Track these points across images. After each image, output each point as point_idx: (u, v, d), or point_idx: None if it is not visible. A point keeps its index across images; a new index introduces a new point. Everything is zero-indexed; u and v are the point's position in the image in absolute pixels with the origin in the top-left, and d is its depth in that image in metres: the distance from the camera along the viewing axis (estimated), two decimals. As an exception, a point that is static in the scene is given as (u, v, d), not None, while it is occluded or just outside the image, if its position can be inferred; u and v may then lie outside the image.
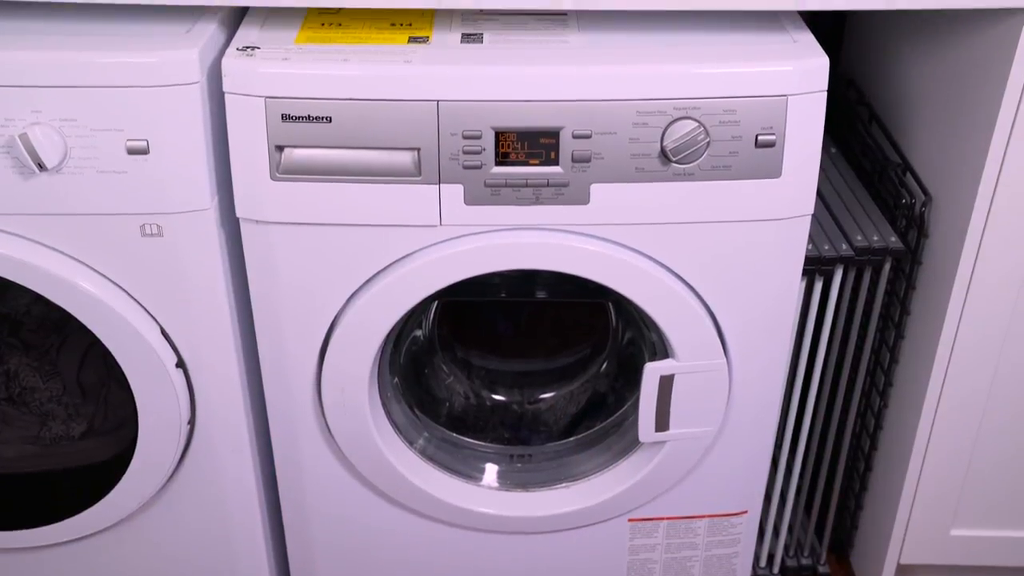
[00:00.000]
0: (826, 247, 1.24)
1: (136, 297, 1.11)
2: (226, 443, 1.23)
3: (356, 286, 1.12)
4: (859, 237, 1.25)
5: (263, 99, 1.02)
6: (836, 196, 1.33)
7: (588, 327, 1.42)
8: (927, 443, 1.31)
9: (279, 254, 1.10)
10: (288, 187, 1.06)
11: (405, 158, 1.05)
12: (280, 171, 1.05)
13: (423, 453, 1.29)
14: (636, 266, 1.10)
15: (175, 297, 1.12)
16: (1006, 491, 1.36)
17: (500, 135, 1.04)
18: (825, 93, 1.05)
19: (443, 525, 1.31)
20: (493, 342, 1.44)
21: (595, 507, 1.29)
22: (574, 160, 1.05)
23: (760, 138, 1.04)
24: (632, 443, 1.27)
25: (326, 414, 1.20)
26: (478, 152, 1.04)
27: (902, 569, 1.42)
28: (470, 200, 1.06)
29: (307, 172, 1.05)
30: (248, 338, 1.19)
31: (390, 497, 1.28)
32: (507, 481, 1.32)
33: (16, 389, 1.32)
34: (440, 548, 1.34)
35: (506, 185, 1.06)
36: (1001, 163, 1.11)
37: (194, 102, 1.02)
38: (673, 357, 1.17)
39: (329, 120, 1.03)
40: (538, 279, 1.27)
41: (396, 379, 1.31)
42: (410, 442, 1.28)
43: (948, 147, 1.20)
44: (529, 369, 1.44)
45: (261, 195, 1.06)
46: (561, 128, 1.04)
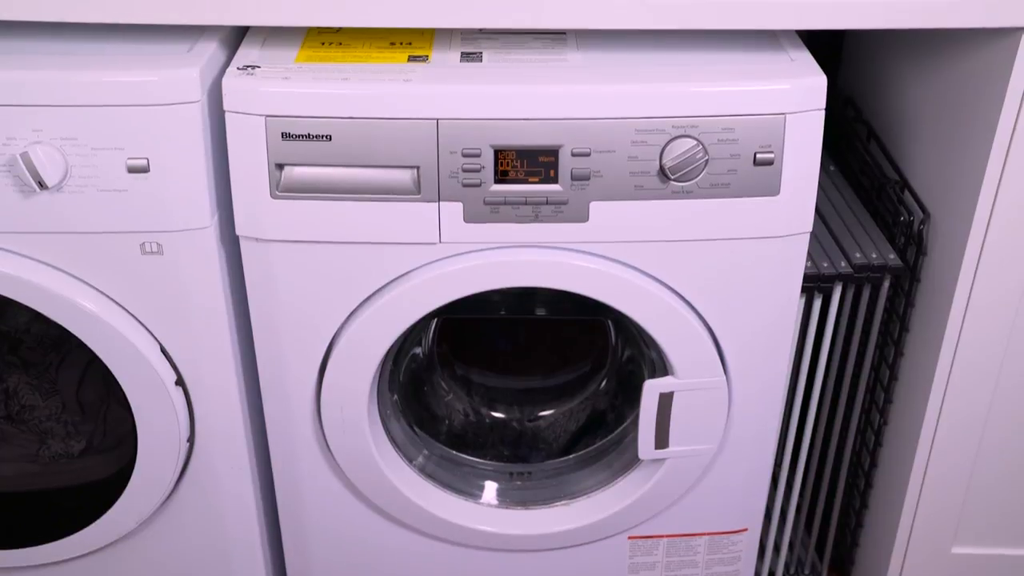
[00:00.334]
0: (825, 264, 1.24)
1: (136, 315, 1.12)
2: (225, 461, 1.23)
3: (356, 303, 1.12)
4: (858, 254, 1.25)
5: (263, 117, 1.02)
6: (835, 213, 1.34)
7: (588, 345, 1.42)
8: (927, 460, 1.30)
9: (279, 272, 1.11)
10: (288, 205, 1.06)
11: (405, 176, 1.05)
12: (280, 189, 1.05)
13: (422, 470, 1.29)
14: (635, 284, 1.10)
15: (175, 315, 1.12)
16: (1008, 509, 1.35)
17: (499, 153, 1.04)
18: (823, 111, 1.05)
19: (442, 543, 1.31)
20: (493, 359, 1.44)
21: (595, 525, 1.29)
22: (573, 178, 1.05)
23: (758, 156, 1.05)
24: (632, 460, 1.27)
25: (325, 431, 1.20)
26: (477, 170, 1.04)
27: (903, 587, 1.42)
28: (469, 218, 1.07)
29: (307, 190, 1.05)
30: (247, 355, 1.19)
31: (389, 515, 1.28)
32: (507, 499, 1.32)
33: (15, 407, 1.32)
34: (439, 566, 1.33)
35: (505, 203, 1.06)
36: (999, 181, 1.12)
37: (195, 121, 1.02)
38: (672, 374, 1.17)
39: (329, 138, 1.03)
40: (538, 297, 1.27)
41: (395, 396, 1.31)
42: (409, 459, 1.28)
43: (946, 165, 1.20)
44: (529, 386, 1.44)
45: (261, 213, 1.07)
46: (560, 146, 1.04)
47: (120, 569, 1.31)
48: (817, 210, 1.28)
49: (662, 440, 1.21)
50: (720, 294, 1.13)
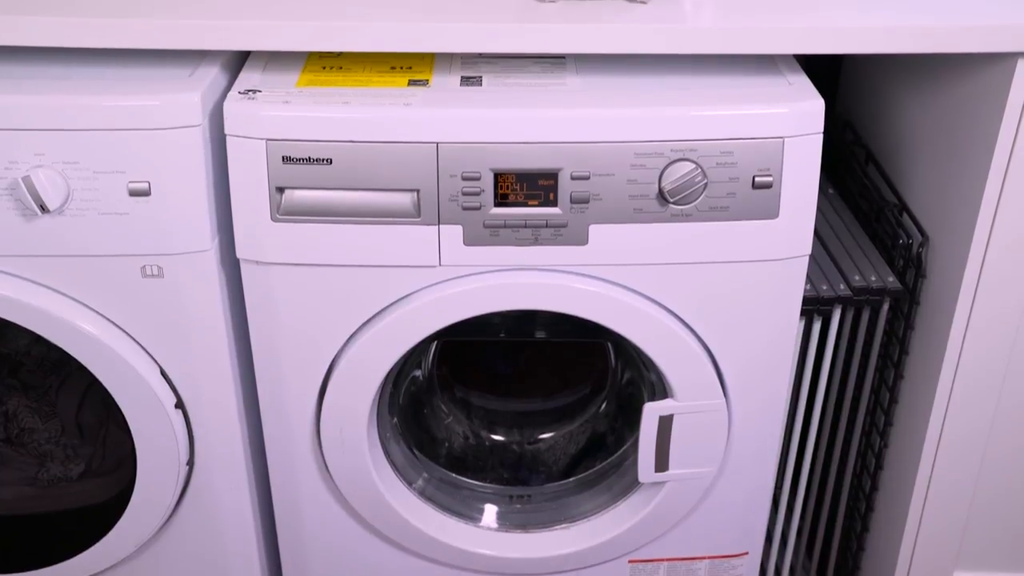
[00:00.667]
0: (824, 287, 1.24)
1: (136, 338, 1.12)
2: (225, 483, 1.23)
3: (356, 326, 1.12)
4: (857, 277, 1.26)
5: (264, 141, 1.03)
6: (834, 236, 1.34)
7: (587, 367, 1.42)
8: (928, 483, 1.30)
9: (279, 294, 1.11)
10: (288, 228, 1.06)
11: (405, 199, 1.05)
12: (280, 212, 1.06)
13: (422, 493, 1.29)
14: (635, 306, 1.11)
15: (175, 337, 1.12)
16: (1009, 532, 1.35)
17: (499, 176, 1.05)
18: (821, 135, 1.06)
19: (442, 566, 1.30)
20: (492, 382, 1.44)
21: (595, 548, 1.28)
22: (573, 201, 1.05)
23: (757, 179, 1.05)
24: (632, 483, 1.26)
25: (325, 454, 1.20)
26: (477, 193, 1.05)
27: (905, 611, 1.41)
28: (469, 241, 1.07)
29: (307, 213, 1.06)
30: (247, 378, 1.20)
31: (388, 538, 1.28)
32: (506, 522, 1.32)
33: (14, 430, 1.32)
34: (439, 590, 1.33)
35: (505, 226, 1.06)
36: (997, 204, 1.12)
37: (196, 144, 1.03)
38: (672, 397, 1.17)
39: (329, 162, 1.04)
40: (537, 319, 1.27)
41: (395, 419, 1.31)
42: (409, 482, 1.28)
43: (944, 188, 1.21)
44: (528, 409, 1.44)
45: (262, 236, 1.07)
46: (560, 170, 1.04)
47: (119, 593, 1.30)
48: (816, 233, 1.28)
49: (662, 463, 1.20)
50: (720, 317, 1.13)
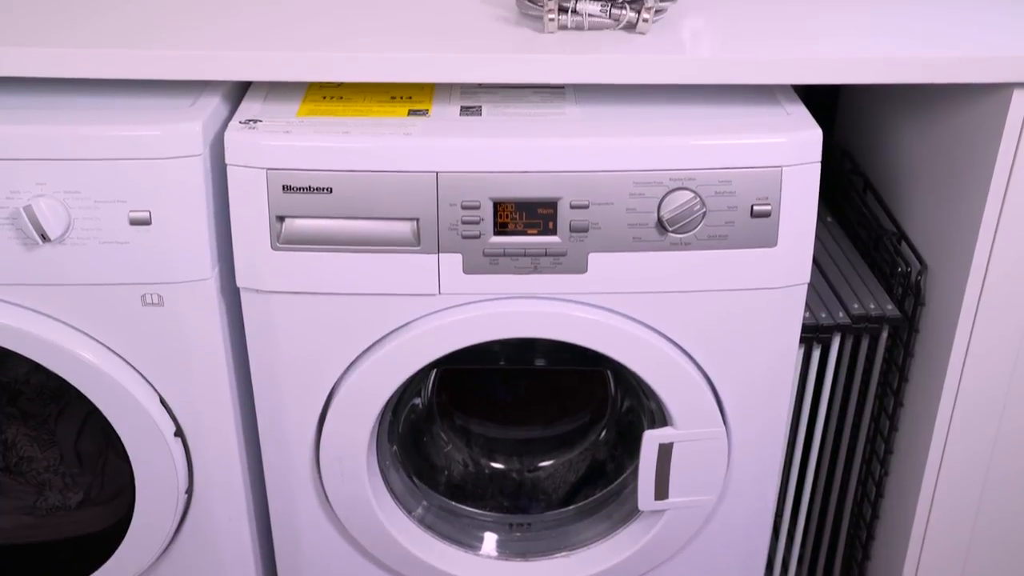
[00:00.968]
0: (823, 315, 1.24)
1: (135, 366, 1.12)
2: (223, 512, 1.22)
3: (355, 354, 1.13)
4: (856, 305, 1.26)
5: (264, 171, 1.04)
6: (833, 264, 1.34)
7: (587, 395, 1.42)
8: (929, 511, 1.30)
9: (279, 323, 1.11)
10: (288, 257, 1.07)
11: (404, 228, 1.06)
12: (281, 241, 1.06)
13: (421, 522, 1.28)
14: (634, 334, 1.11)
15: (175, 366, 1.12)
16: (1011, 560, 1.34)
17: (498, 205, 1.05)
18: (819, 164, 1.06)
19: (441, 595, 1.30)
20: (492, 410, 1.43)
21: (595, 577, 1.28)
22: (572, 230, 1.06)
23: (755, 208, 1.06)
24: (632, 512, 1.26)
25: (324, 482, 1.19)
26: (476, 222, 1.05)
27: (907, 640, 1.41)
28: (469, 269, 1.07)
29: (307, 242, 1.06)
30: (247, 406, 1.19)
31: (388, 566, 1.27)
32: (506, 550, 1.31)
33: (13, 459, 1.32)
34: (438, 619, 1.32)
35: (504, 255, 1.07)
36: (995, 232, 1.12)
37: (197, 174, 1.03)
38: (672, 425, 1.17)
39: (330, 191, 1.04)
40: (537, 347, 1.27)
41: (395, 447, 1.31)
42: (408, 510, 1.27)
43: (942, 216, 1.21)
44: (528, 437, 1.44)
45: (262, 265, 1.07)
46: (559, 198, 1.05)
47: (116, 622, 1.30)
48: (815, 261, 1.28)
49: (662, 491, 1.20)
50: (719, 345, 1.13)
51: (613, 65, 1.04)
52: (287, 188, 1.04)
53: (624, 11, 1.08)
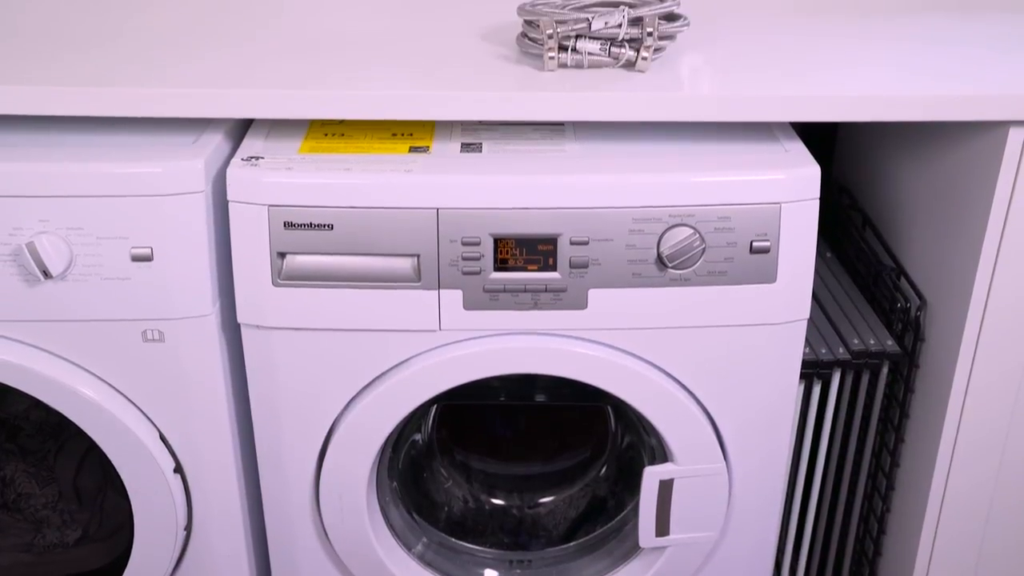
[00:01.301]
0: (823, 351, 1.25)
1: (135, 402, 1.12)
2: (223, 548, 1.22)
3: (356, 390, 1.13)
4: (856, 341, 1.26)
5: (266, 207, 1.04)
6: (832, 300, 1.35)
7: (587, 431, 1.41)
8: (932, 548, 1.29)
9: (280, 359, 1.11)
10: (290, 293, 1.07)
11: (405, 264, 1.06)
12: (282, 277, 1.06)
13: (421, 558, 1.27)
14: (634, 370, 1.11)
15: (175, 402, 1.12)
16: (1014, 596, 1.34)
17: (499, 241, 1.05)
18: (817, 201, 1.07)
19: (441, 634, 1.29)
20: (492, 446, 1.43)
21: (596, 615, 1.27)
22: (572, 266, 1.06)
23: (755, 244, 1.06)
24: (632, 548, 1.25)
25: (324, 518, 1.19)
26: (477, 258, 1.06)
27: None
28: (469, 305, 1.07)
29: (308, 278, 1.06)
30: (246, 442, 1.19)
31: (387, 604, 1.26)
32: (506, 588, 1.31)
33: (11, 495, 1.31)
34: (438, 658, 1.31)
35: (505, 290, 1.07)
36: (993, 268, 1.13)
37: (198, 210, 1.04)
38: (672, 461, 1.16)
39: (331, 227, 1.05)
40: (537, 383, 1.27)
41: (395, 483, 1.31)
42: (408, 547, 1.27)
43: (941, 252, 1.21)
44: (528, 473, 1.43)
45: (263, 301, 1.08)
46: (559, 235, 1.05)
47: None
48: (814, 296, 1.29)
49: (663, 528, 1.19)
50: (719, 381, 1.13)
51: (612, 103, 1.05)
52: (288, 224, 1.04)
53: (623, 49, 1.09)
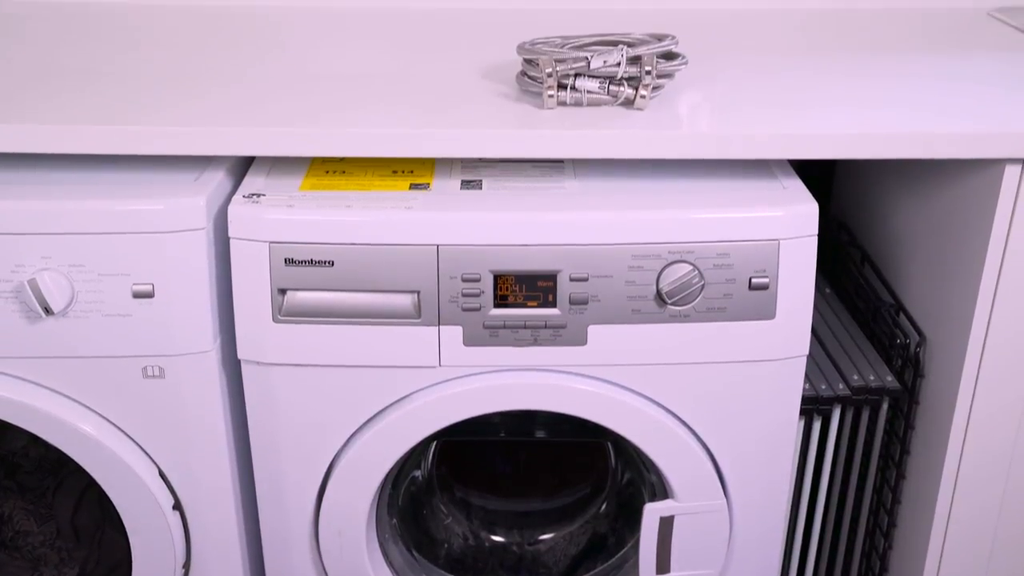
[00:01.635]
0: (823, 387, 1.25)
1: (135, 438, 1.12)
2: (221, 587, 1.21)
3: (356, 426, 1.12)
4: (855, 377, 1.26)
5: (267, 244, 1.05)
6: (832, 336, 1.35)
7: (587, 467, 1.41)
8: (934, 586, 1.28)
9: (280, 395, 1.11)
10: (290, 329, 1.07)
11: (405, 300, 1.07)
12: (282, 313, 1.07)
13: (421, 597, 1.27)
14: (634, 407, 1.11)
15: (174, 438, 1.12)
16: (1018, 636, 1.32)
17: (498, 278, 1.06)
18: (816, 237, 1.07)
19: (441, 673, 1.28)
20: (492, 482, 1.43)
21: (596, 654, 1.26)
22: (571, 302, 1.06)
23: (754, 281, 1.07)
24: (633, 586, 1.25)
25: (323, 556, 1.18)
26: (477, 295, 1.06)
27: None
28: (469, 341, 1.08)
29: (309, 314, 1.07)
30: (246, 478, 1.19)
31: (386, 643, 1.25)
32: (506, 626, 1.30)
33: (9, 533, 1.30)
34: None
35: (504, 327, 1.07)
36: (992, 304, 1.13)
37: (200, 247, 1.05)
38: (673, 498, 1.16)
39: (331, 264, 1.05)
40: (537, 419, 1.27)
41: (394, 520, 1.30)
42: (407, 585, 1.26)
43: (940, 288, 1.22)
44: (528, 509, 1.43)
45: (263, 337, 1.08)
46: (558, 271, 1.06)
47: None
48: (814, 332, 1.29)
49: (663, 565, 1.19)
50: (719, 417, 1.13)
51: (611, 140, 1.06)
52: (289, 261, 1.05)
53: (622, 88, 1.10)
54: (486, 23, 1.48)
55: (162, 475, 1.13)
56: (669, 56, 1.13)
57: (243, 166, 1.15)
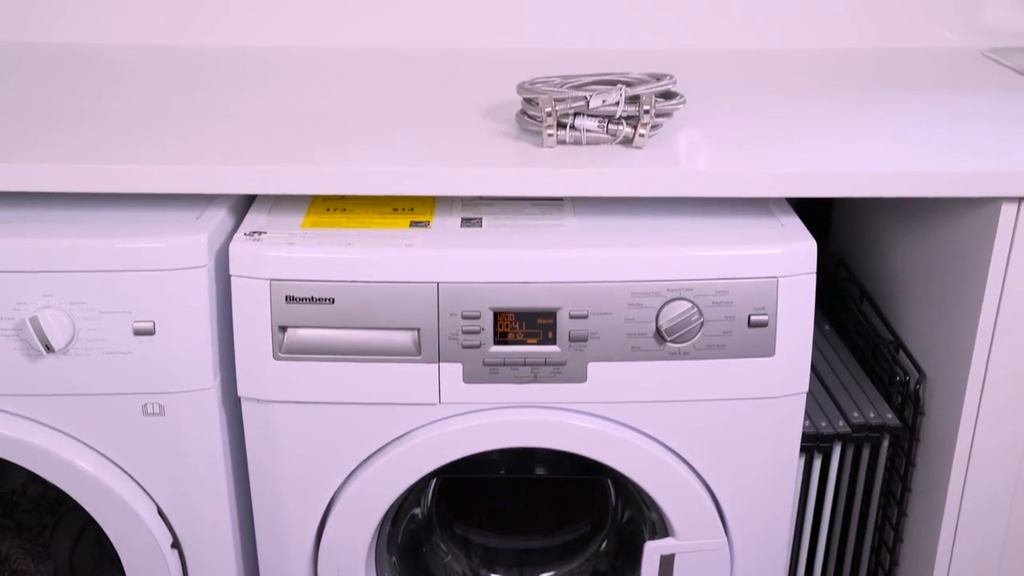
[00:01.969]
0: (823, 424, 1.24)
1: (134, 476, 1.11)
2: (218, 626, 1.20)
3: (356, 463, 1.12)
4: (856, 414, 1.26)
5: (268, 281, 1.05)
6: (831, 373, 1.35)
7: (587, 505, 1.40)
8: (938, 624, 1.27)
9: (280, 432, 1.11)
10: (290, 366, 1.07)
11: (405, 338, 1.07)
12: (283, 351, 1.07)
13: (420, 636, 1.26)
14: (634, 444, 1.11)
15: (174, 475, 1.12)
16: (1022, 676, 1.31)
17: (498, 315, 1.06)
18: (814, 275, 1.08)
19: None
20: (492, 519, 1.42)
21: None
22: (571, 339, 1.07)
23: (753, 318, 1.07)
24: (634, 626, 1.24)
25: (321, 595, 1.18)
26: (477, 332, 1.06)
27: None
28: (469, 378, 1.08)
29: (309, 352, 1.07)
30: (245, 516, 1.18)
31: None
32: (506, 666, 1.29)
33: (6, 573, 1.29)
34: None
35: (504, 364, 1.07)
36: (991, 342, 1.13)
37: (201, 284, 1.05)
38: (673, 536, 1.15)
39: (332, 301, 1.05)
40: (537, 456, 1.27)
41: (394, 558, 1.29)
42: (407, 625, 1.25)
43: (939, 326, 1.22)
44: (528, 547, 1.42)
45: (264, 374, 1.08)
46: (558, 309, 1.06)
47: None
48: (814, 369, 1.29)
49: (665, 604, 1.18)
50: (719, 454, 1.13)
51: (610, 179, 1.07)
52: (290, 298, 1.05)
53: (621, 127, 1.11)
54: (486, 63, 1.50)
55: (161, 513, 1.13)
56: (667, 95, 1.14)
57: (245, 203, 1.15)
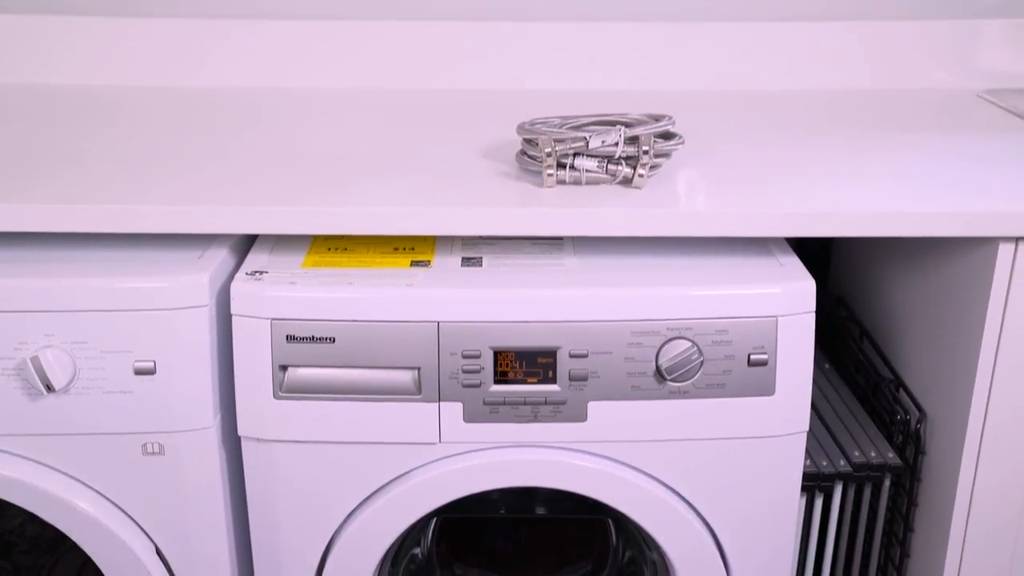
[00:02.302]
0: (824, 463, 1.24)
1: (133, 516, 1.11)
2: (216, 669, 1.19)
3: (355, 503, 1.12)
4: (857, 453, 1.25)
5: (269, 321, 1.05)
6: (832, 411, 1.35)
7: (588, 544, 1.40)
8: (942, 667, 1.26)
9: (280, 471, 1.11)
10: (291, 405, 1.07)
11: (406, 377, 1.07)
12: (283, 390, 1.07)
13: None
14: (634, 483, 1.10)
15: (173, 515, 1.11)
16: None
17: (499, 354, 1.06)
18: (813, 314, 1.08)
19: None
20: (493, 559, 1.41)
21: None
22: (571, 379, 1.07)
23: (752, 357, 1.07)
24: (636, 668, 1.23)
25: (320, 637, 1.17)
26: (477, 371, 1.06)
27: None
28: (469, 418, 1.08)
29: (310, 391, 1.07)
30: (244, 555, 1.18)
31: None
32: None
33: (4, 615, 1.29)
34: None
35: (504, 403, 1.07)
36: (991, 381, 1.13)
37: (202, 324, 1.05)
38: (674, 576, 1.15)
39: (332, 340, 1.06)
40: (537, 495, 1.26)
41: (393, 599, 1.29)
42: (406, 667, 1.24)
43: (939, 365, 1.22)
44: (529, 588, 1.41)
45: (264, 413, 1.08)
46: (558, 348, 1.06)
47: None
48: (814, 408, 1.29)
49: (666, 646, 1.17)
50: (719, 494, 1.12)
51: (610, 218, 1.08)
52: (291, 338, 1.06)
53: (620, 167, 1.12)
54: (486, 103, 1.51)
55: (159, 553, 1.12)
56: (666, 136, 1.15)
57: (246, 243, 1.16)
